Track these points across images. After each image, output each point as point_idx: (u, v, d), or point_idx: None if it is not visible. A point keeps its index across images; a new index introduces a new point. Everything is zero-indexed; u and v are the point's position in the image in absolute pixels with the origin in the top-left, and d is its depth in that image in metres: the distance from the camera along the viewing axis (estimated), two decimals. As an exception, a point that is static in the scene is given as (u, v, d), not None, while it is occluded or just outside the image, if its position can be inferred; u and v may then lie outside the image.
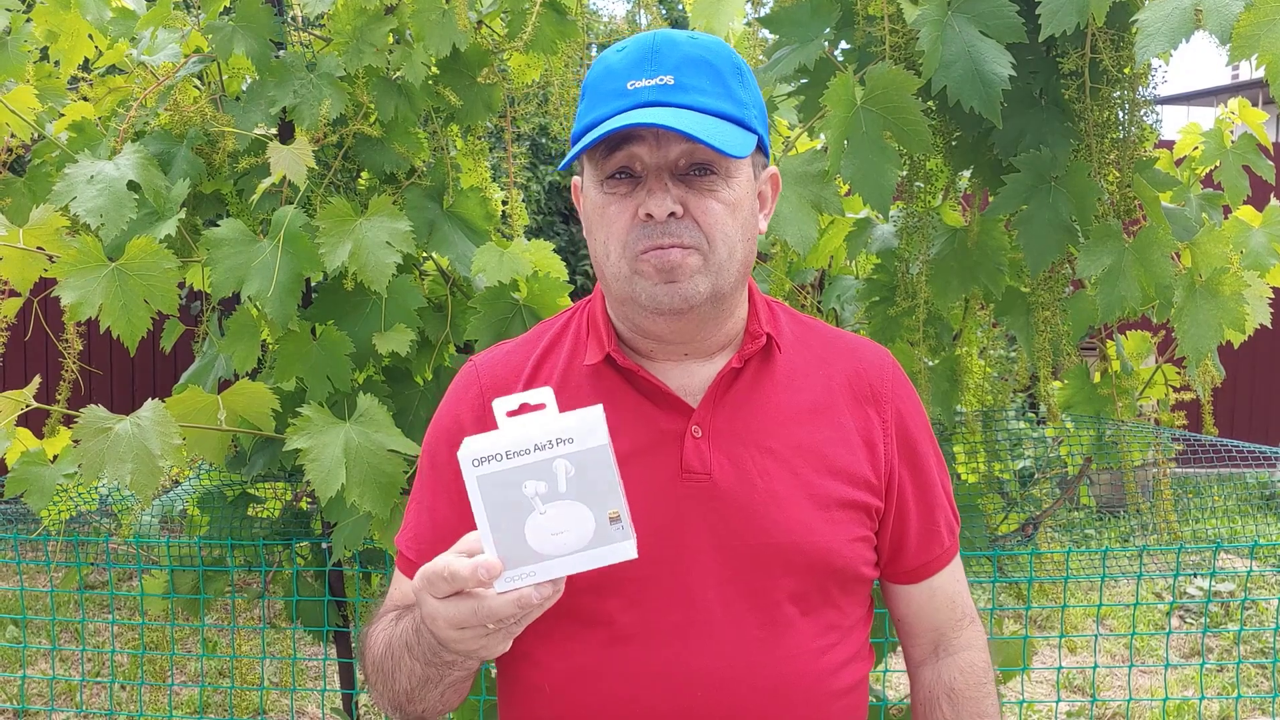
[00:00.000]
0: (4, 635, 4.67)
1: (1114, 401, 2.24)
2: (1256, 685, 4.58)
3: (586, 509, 0.97)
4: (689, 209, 1.15)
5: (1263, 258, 2.14)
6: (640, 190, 1.16)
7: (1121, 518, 4.74)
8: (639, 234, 1.16)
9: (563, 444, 0.96)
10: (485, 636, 1.01)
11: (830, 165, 1.78)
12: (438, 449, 1.30)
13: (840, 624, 1.25)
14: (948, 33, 1.71)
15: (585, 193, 1.23)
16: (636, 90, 1.15)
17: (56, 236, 1.96)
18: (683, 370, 1.25)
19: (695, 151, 1.15)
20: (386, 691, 1.20)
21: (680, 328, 1.21)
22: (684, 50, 1.17)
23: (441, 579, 0.98)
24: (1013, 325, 2.14)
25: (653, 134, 1.14)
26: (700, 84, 1.16)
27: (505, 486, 0.96)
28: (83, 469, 1.78)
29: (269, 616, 2.81)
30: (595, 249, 1.21)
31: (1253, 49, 1.49)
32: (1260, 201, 2.23)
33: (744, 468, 1.21)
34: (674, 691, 1.19)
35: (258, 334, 2.03)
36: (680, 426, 1.22)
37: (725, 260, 1.18)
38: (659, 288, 1.16)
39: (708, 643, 1.19)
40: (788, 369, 1.28)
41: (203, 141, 2.08)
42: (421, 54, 2.02)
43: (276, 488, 2.49)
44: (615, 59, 1.18)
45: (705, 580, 1.19)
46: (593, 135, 1.13)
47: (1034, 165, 1.86)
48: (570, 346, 1.29)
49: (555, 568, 0.97)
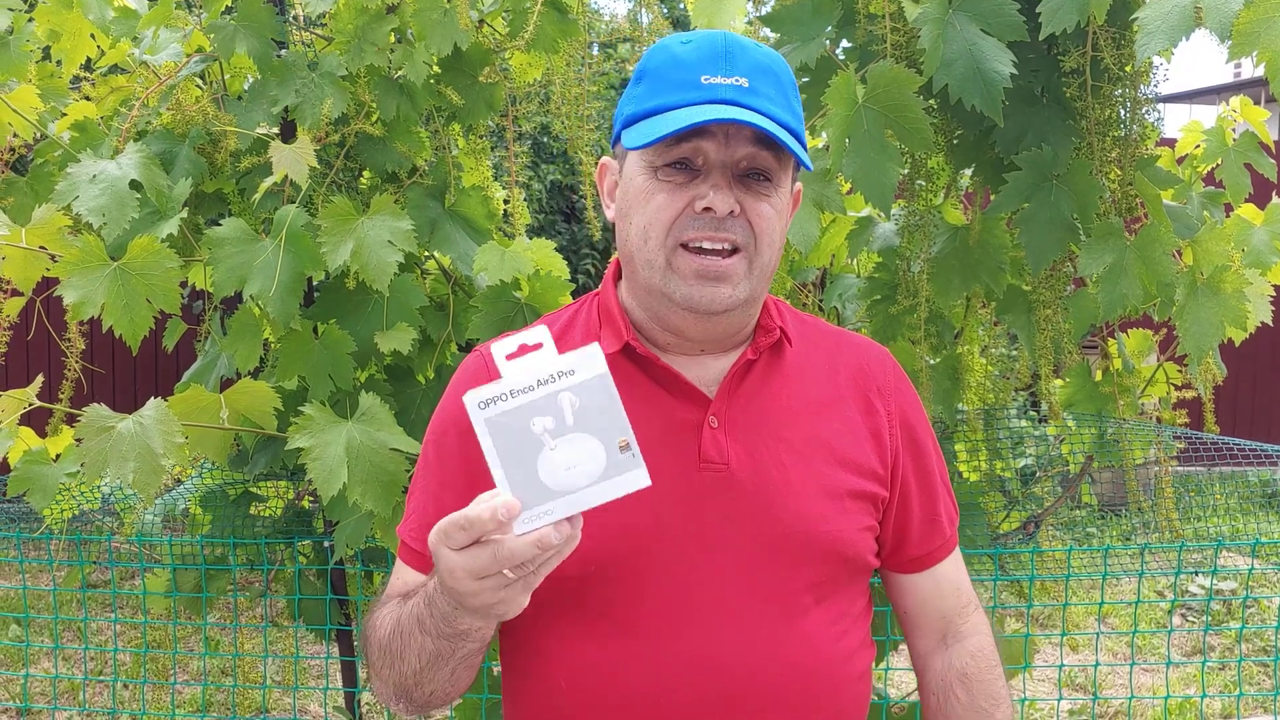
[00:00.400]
0: (7, 634, 4.68)
1: (1115, 399, 2.24)
2: (1258, 683, 4.58)
3: (596, 440, 0.97)
4: (744, 209, 1.17)
5: (1264, 255, 2.14)
6: (698, 183, 1.17)
7: (1123, 516, 4.74)
8: (689, 224, 1.17)
9: (565, 377, 0.97)
10: (505, 587, 0.99)
11: (832, 163, 1.78)
12: (445, 436, 1.29)
13: (850, 611, 1.27)
14: (949, 31, 1.71)
15: (627, 176, 1.22)
16: (713, 85, 1.16)
17: (59, 236, 1.97)
18: (697, 362, 1.27)
19: (758, 156, 1.17)
20: (393, 675, 1.19)
21: (707, 328, 1.23)
22: (754, 56, 1.19)
23: (459, 528, 0.97)
24: (1014, 323, 2.15)
25: (723, 131, 1.16)
26: (769, 91, 1.18)
27: (513, 426, 0.97)
28: (86, 468, 1.78)
29: (271, 615, 2.81)
30: (630, 234, 1.21)
31: (1252, 46, 1.49)
32: (1262, 199, 2.24)
33: (760, 458, 1.23)
34: (694, 681, 1.19)
35: (260, 333, 2.03)
36: (697, 417, 1.23)
37: (767, 264, 1.20)
38: (695, 288, 1.17)
39: (727, 631, 1.20)
40: (797, 363, 1.30)
41: (205, 141, 2.09)
42: (423, 53, 2.02)
43: (279, 486, 2.50)
44: (682, 50, 1.19)
45: (724, 569, 1.20)
46: (678, 123, 1.13)
47: (1035, 163, 1.86)
48: (581, 336, 1.29)
49: (573, 502, 0.97)
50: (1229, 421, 7.93)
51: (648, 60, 1.22)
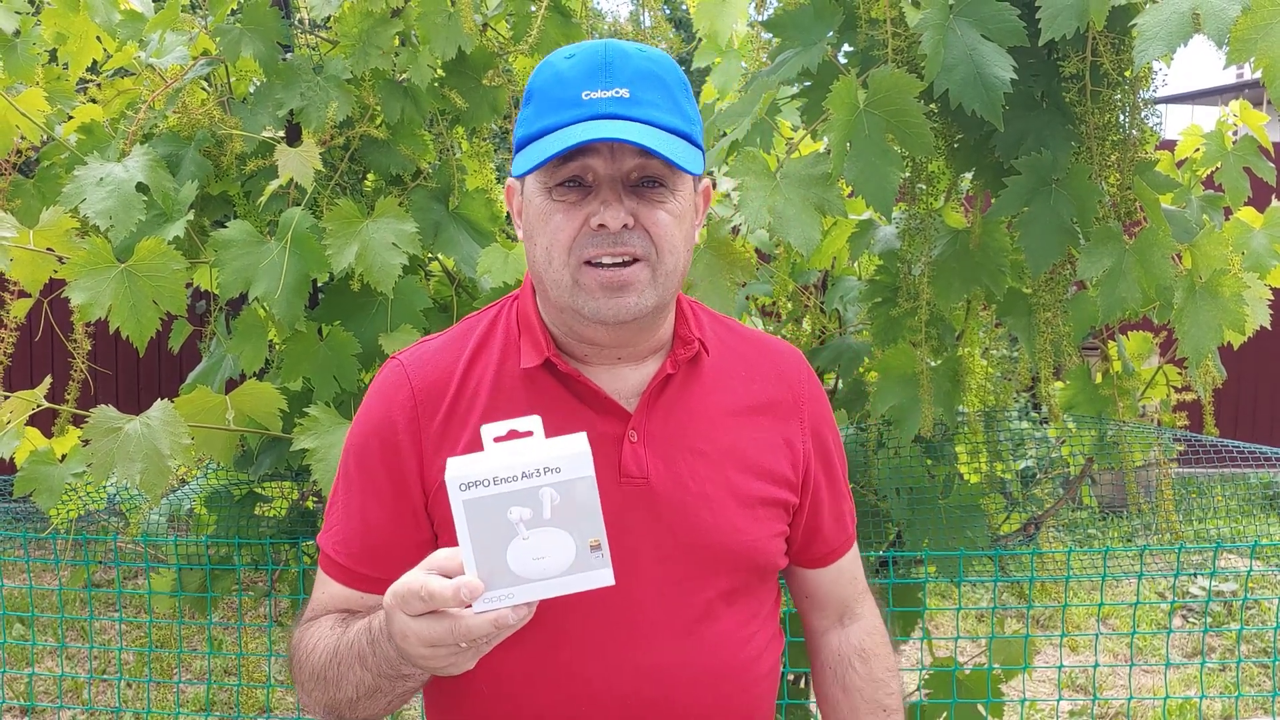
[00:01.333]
0: (11, 633, 4.69)
1: (1115, 402, 2.25)
2: (1258, 684, 4.58)
3: (568, 536, 0.99)
4: (639, 219, 1.17)
5: (1263, 259, 2.15)
6: (591, 200, 1.17)
7: (1123, 517, 4.74)
8: (587, 241, 1.17)
9: (550, 473, 0.98)
10: (455, 655, 1.02)
11: (833, 167, 1.79)
12: (368, 449, 1.27)
13: (759, 612, 1.31)
14: (950, 36, 1.72)
15: (527, 198, 1.23)
16: (593, 101, 1.15)
17: (66, 238, 1.98)
18: (615, 374, 1.27)
19: (648, 165, 1.17)
20: (324, 699, 1.20)
21: (620, 335, 1.23)
22: (636, 63, 1.18)
23: (418, 598, 0.99)
24: (1014, 326, 2.15)
25: (609, 146, 1.15)
26: (653, 98, 1.17)
27: (491, 511, 0.98)
28: (93, 468, 1.79)
29: (275, 614, 2.82)
30: (535, 255, 1.21)
31: (1250, 52, 1.50)
32: (1261, 203, 2.24)
33: (677, 470, 1.24)
34: (612, 688, 1.21)
35: (265, 334, 2.04)
36: (618, 431, 1.24)
37: (671, 270, 1.20)
38: (602, 301, 1.17)
39: (644, 641, 1.22)
40: (714, 373, 1.31)
41: (210, 144, 2.10)
42: (427, 56, 2.03)
43: (283, 487, 2.51)
44: (565, 66, 1.19)
45: (643, 579, 1.22)
46: (557, 145, 1.13)
47: (1035, 167, 1.87)
48: (501, 346, 1.29)
49: (534, 590, 0.99)
50: (1229, 424, 7.93)
51: (534, 79, 1.22)
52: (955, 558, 2.16)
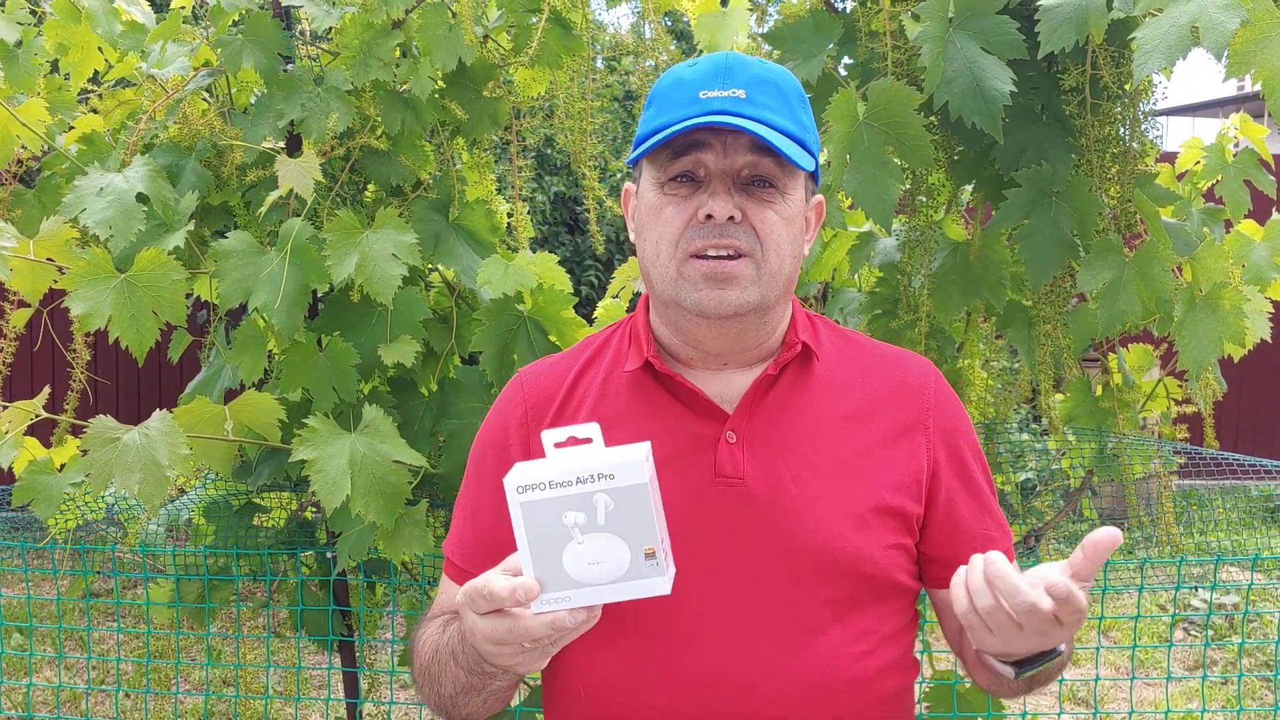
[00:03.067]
0: (10, 643, 4.68)
1: (1116, 414, 2.25)
2: (1260, 698, 4.57)
3: (623, 543, 1.01)
4: (747, 215, 1.19)
5: (1264, 272, 2.14)
6: (701, 194, 1.20)
7: (1124, 530, 4.73)
8: (694, 233, 1.19)
9: (604, 479, 1.00)
10: (521, 654, 1.05)
11: (833, 180, 1.79)
12: (484, 458, 1.34)
13: (876, 630, 1.25)
14: (949, 49, 1.72)
15: (641, 195, 1.26)
16: (710, 99, 1.19)
17: (66, 248, 1.98)
18: (721, 379, 1.28)
19: (759, 164, 1.19)
20: (432, 695, 1.26)
21: (723, 333, 1.24)
22: (754, 70, 1.22)
23: (481, 596, 1.03)
24: (1015, 338, 2.15)
25: (720, 142, 1.19)
26: (769, 101, 1.20)
27: (546, 515, 1.00)
28: (91, 478, 1.79)
29: (274, 625, 2.82)
30: (645, 250, 1.24)
31: (1249, 65, 1.50)
32: (1261, 216, 2.24)
33: (777, 473, 1.23)
34: (706, 695, 1.20)
35: (264, 345, 2.04)
36: (715, 432, 1.25)
37: (776, 270, 1.21)
38: (704, 293, 1.19)
39: (740, 646, 1.21)
40: (826, 378, 1.30)
41: (211, 154, 2.10)
42: (428, 68, 2.03)
43: (282, 497, 2.50)
44: (687, 73, 1.23)
45: (739, 584, 1.21)
46: (667, 132, 1.17)
47: (1035, 180, 1.87)
48: (612, 357, 1.33)
49: (590, 595, 1.02)
50: (1230, 436, 7.93)
51: (657, 85, 1.26)
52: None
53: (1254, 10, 1.49)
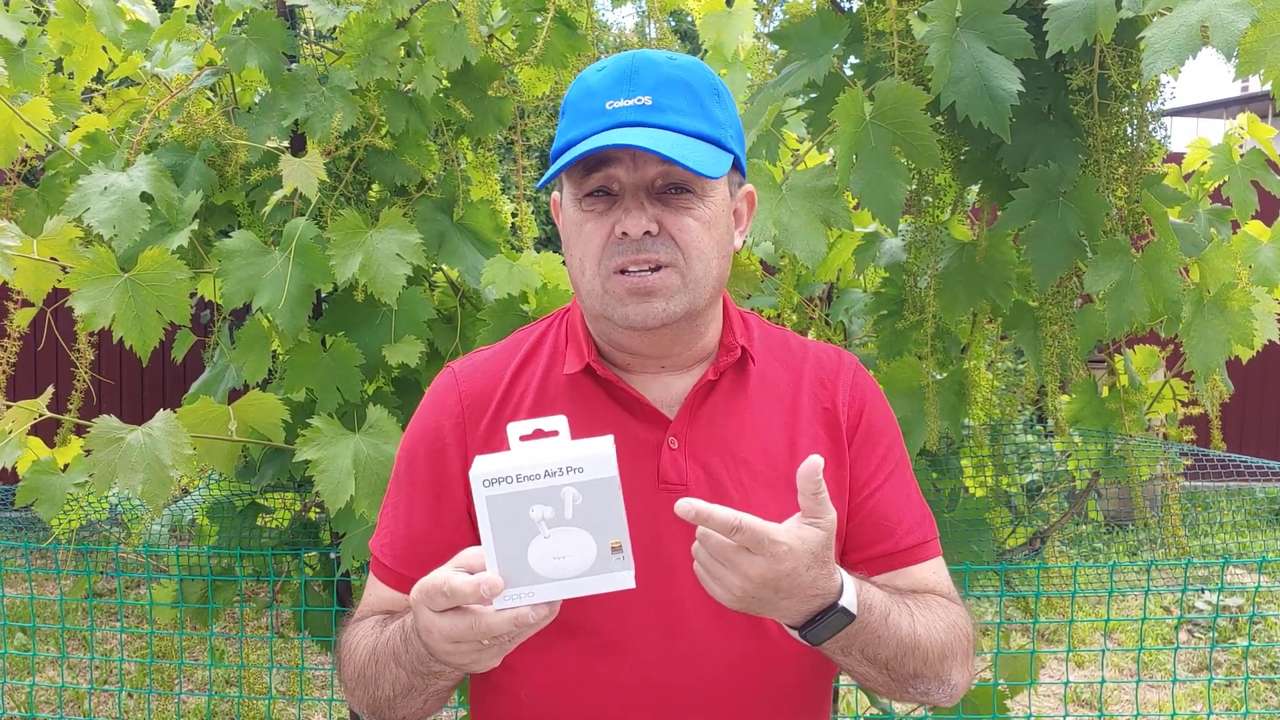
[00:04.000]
0: (13, 643, 4.68)
1: (1122, 415, 2.24)
2: (1265, 701, 4.56)
3: (590, 536, 0.99)
4: (665, 226, 1.17)
5: (1271, 273, 2.14)
6: (617, 209, 1.18)
7: (1130, 532, 4.73)
8: (614, 250, 1.18)
9: (572, 472, 0.99)
10: (478, 651, 1.03)
11: (839, 180, 1.78)
12: (416, 455, 1.31)
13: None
14: (956, 49, 1.71)
15: (563, 209, 1.25)
16: (615, 110, 1.17)
17: (70, 247, 1.98)
18: (659, 383, 1.28)
19: (671, 171, 1.17)
20: (366, 698, 1.23)
21: (654, 343, 1.23)
22: (662, 71, 1.19)
23: (440, 593, 1.00)
24: (1021, 339, 2.15)
25: (630, 154, 1.16)
26: (677, 104, 1.18)
27: (513, 508, 0.99)
28: (95, 478, 1.79)
29: (277, 626, 2.82)
30: (571, 265, 1.23)
31: (1259, 64, 1.50)
32: (1269, 217, 2.23)
33: (718, 478, 1.23)
34: (655, 700, 1.21)
35: (268, 345, 2.04)
36: (657, 438, 1.24)
37: (701, 276, 1.20)
38: (630, 307, 1.18)
39: (683, 652, 1.21)
40: (760, 380, 1.30)
41: (215, 153, 2.10)
42: (433, 67, 2.03)
43: (285, 498, 2.50)
44: (595, 79, 1.20)
45: (684, 588, 1.20)
46: (570, 155, 1.15)
47: (1042, 180, 1.87)
48: (549, 355, 1.31)
49: (554, 590, 1.00)
50: (1236, 438, 7.91)
51: (569, 93, 1.24)
52: (960, 572, 2.15)
53: (1264, 9, 1.48)
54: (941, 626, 1.22)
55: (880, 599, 1.15)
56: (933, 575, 1.31)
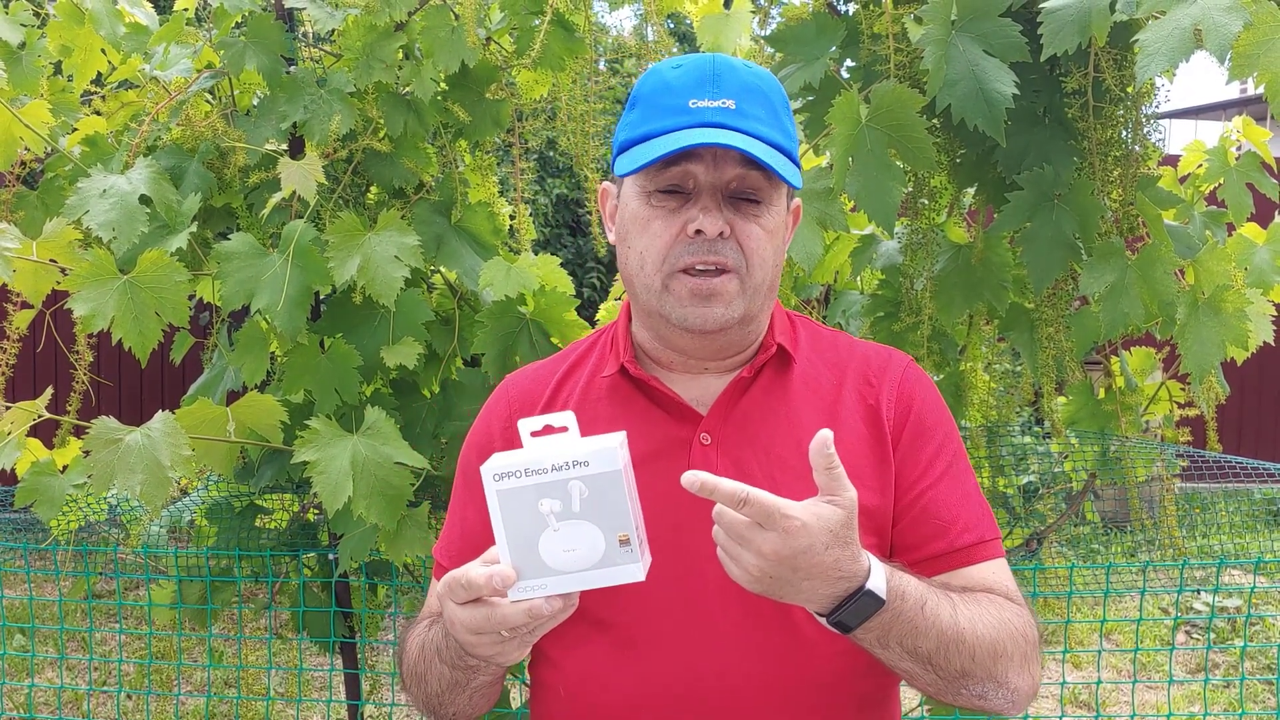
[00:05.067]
0: (11, 644, 4.68)
1: (1118, 417, 2.25)
2: (1262, 701, 4.56)
3: (597, 530, 1.02)
4: (734, 231, 1.19)
5: (1267, 275, 2.14)
6: (690, 207, 1.19)
7: (1126, 533, 4.73)
8: (683, 249, 1.19)
9: (578, 466, 1.01)
10: (500, 643, 1.07)
11: (835, 182, 1.79)
12: (470, 461, 1.35)
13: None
14: (952, 52, 1.72)
15: (624, 202, 1.25)
16: (700, 109, 1.18)
17: (69, 249, 1.98)
18: (699, 382, 1.29)
19: (747, 177, 1.19)
20: (420, 694, 1.28)
21: (706, 344, 1.25)
22: (742, 77, 1.21)
23: (460, 586, 1.04)
24: (1017, 341, 2.15)
25: (710, 154, 1.18)
26: (758, 112, 1.20)
27: (522, 502, 1.02)
28: (93, 480, 1.79)
29: (275, 627, 2.82)
30: (629, 259, 1.24)
31: (1252, 68, 1.50)
32: (1264, 219, 2.24)
33: (751, 475, 1.23)
34: (682, 694, 1.21)
35: (267, 346, 2.04)
36: (689, 434, 1.26)
37: (759, 284, 1.22)
38: (690, 309, 1.20)
39: (713, 647, 1.21)
40: (802, 379, 1.30)
41: (214, 156, 2.10)
42: (431, 70, 2.03)
43: (284, 499, 2.50)
44: (672, 75, 1.21)
45: (711, 585, 1.21)
46: (664, 148, 1.16)
47: (1037, 183, 1.87)
48: (594, 362, 1.35)
49: (565, 583, 1.03)
50: (1232, 439, 7.92)
51: (640, 86, 1.24)
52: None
53: (1257, 13, 1.48)
54: (990, 622, 1.17)
55: (915, 586, 1.11)
56: (992, 576, 1.26)
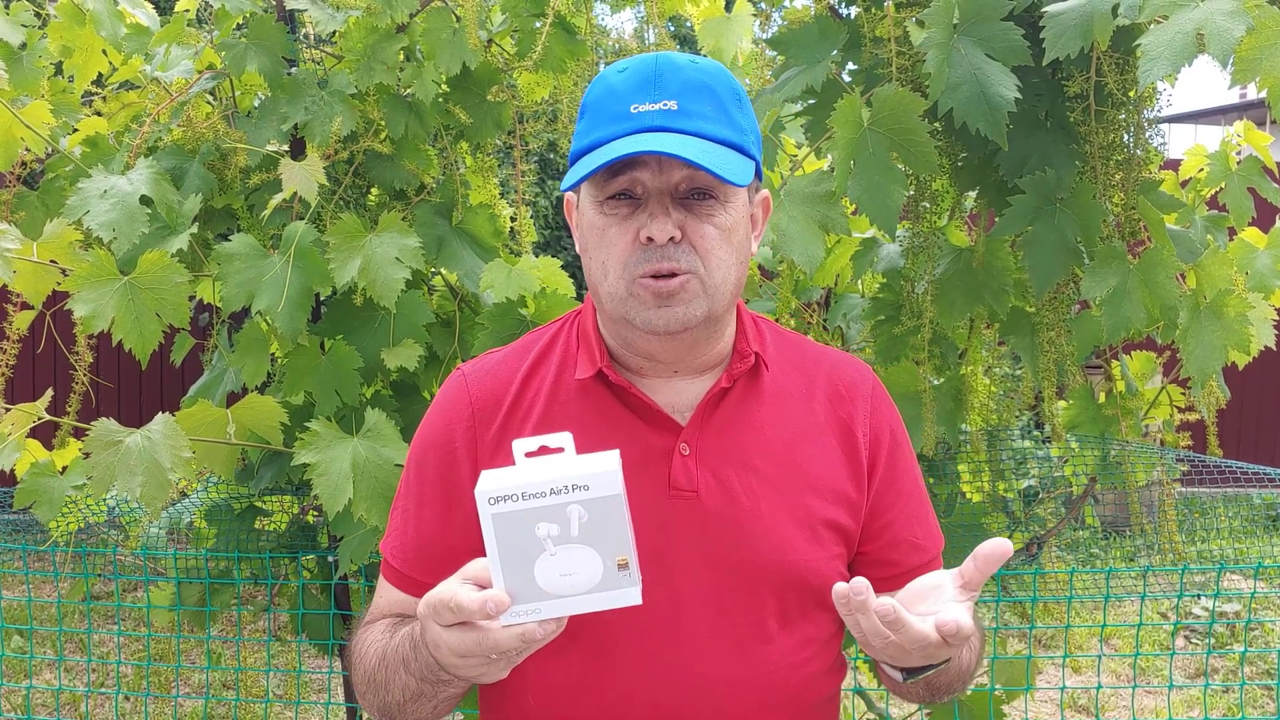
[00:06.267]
0: (10, 645, 4.68)
1: (1119, 421, 2.25)
2: (1261, 706, 4.56)
3: (596, 554, 0.99)
4: (687, 233, 1.17)
5: (1268, 279, 2.14)
6: (641, 213, 1.18)
7: (1126, 538, 4.73)
8: (639, 257, 1.17)
9: (578, 490, 0.98)
10: (486, 665, 1.03)
11: (837, 185, 1.79)
12: (425, 458, 1.30)
13: (817, 637, 1.27)
14: (954, 55, 1.72)
15: (582, 212, 1.24)
16: (640, 114, 1.16)
17: (70, 250, 1.98)
18: (672, 388, 1.27)
19: (696, 177, 1.17)
20: (377, 701, 1.23)
21: (673, 347, 1.23)
22: (686, 75, 1.18)
23: (447, 609, 1.00)
24: (1018, 345, 2.15)
25: (655, 159, 1.16)
26: (702, 110, 1.18)
27: (519, 526, 0.98)
28: (93, 481, 1.79)
29: (274, 629, 2.82)
30: (592, 268, 1.23)
31: (1255, 72, 1.50)
32: (1265, 223, 2.24)
33: (730, 486, 1.23)
34: (658, 704, 1.20)
35: (267, 348, 2.04)
36: (669, 444, 1.24)
37: (720, 284, 1.20)
38: (653, 311, 1.18)
39: (692, 657, 1.21)
40: (774, 387, 1.30)
41: (215, 157, 2.10)
42: (432, 72, 2.04)
43: (284, 501, 2.50)
44: (617, 80, 1.20)
45: (691, 595, 1.21)
46: (600, 160, 1.14)
47: (1039, 186, 1.87)
48: (560, 359, 1.31)
49: (560, 607, 1.00)
50: (1233, 444, 7.92)
51: (588, 93, 1.23)
52: (957, 577, 2.14)
53: (1260, 17, 1.48)
54: (977, 646, 1.30)
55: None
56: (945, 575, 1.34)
